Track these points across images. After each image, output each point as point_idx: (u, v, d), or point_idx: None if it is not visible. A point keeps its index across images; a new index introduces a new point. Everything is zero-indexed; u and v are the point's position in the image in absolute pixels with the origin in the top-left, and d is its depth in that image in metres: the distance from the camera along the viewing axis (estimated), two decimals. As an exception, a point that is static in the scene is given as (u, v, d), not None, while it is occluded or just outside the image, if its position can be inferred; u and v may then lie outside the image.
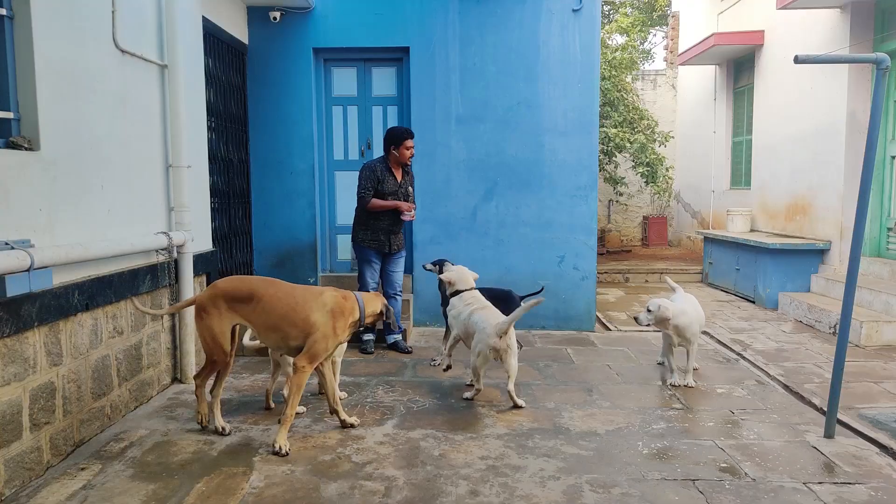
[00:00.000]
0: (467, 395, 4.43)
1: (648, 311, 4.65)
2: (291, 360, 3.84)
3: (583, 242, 6.61)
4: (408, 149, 5.43)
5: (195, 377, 4.00)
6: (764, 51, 9.16)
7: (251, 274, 6.65)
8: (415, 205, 5.63)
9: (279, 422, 3.68)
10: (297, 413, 3.96)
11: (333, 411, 3.94)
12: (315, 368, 3.68)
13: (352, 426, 3.90)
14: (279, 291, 3.70)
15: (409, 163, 5.55)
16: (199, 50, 5.14)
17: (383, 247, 5.54)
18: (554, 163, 6.55)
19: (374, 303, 3.91)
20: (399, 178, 5.53)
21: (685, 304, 4.84)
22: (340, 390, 4.37)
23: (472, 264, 6.48)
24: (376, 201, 5.41)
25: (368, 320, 3.89)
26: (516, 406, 4.22)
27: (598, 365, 5.31)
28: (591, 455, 3.52)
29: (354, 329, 3.85)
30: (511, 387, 4.22)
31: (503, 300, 5.02)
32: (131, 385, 4.17)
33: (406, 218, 5.48)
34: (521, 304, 4.94)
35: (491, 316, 4.34)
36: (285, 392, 3.92)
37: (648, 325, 4.72)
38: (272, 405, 4.25)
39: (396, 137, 5.43)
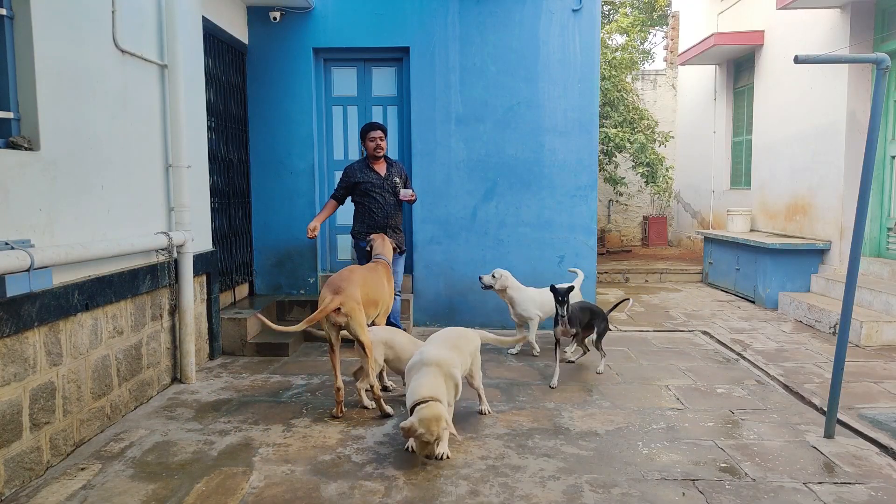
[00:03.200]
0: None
1: (493, 276, 5.47)
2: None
3: (583, 242, 6.61)
4: (371, 140, 5.49)
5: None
6: (764, 51, 9.16)
7: (251, 273, 6.65)
8: (413, 192, 5.63)
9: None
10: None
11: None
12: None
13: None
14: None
15: (378, 154, 5.53)
16: (199, 50, 5.14)
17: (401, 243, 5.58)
18: (554, 163, 6.55)
19: (387, 246, 5.05)
20: (383, 172, 5.56)
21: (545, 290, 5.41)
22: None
23: (472, 264, 6.54)
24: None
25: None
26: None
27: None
28: (591, 455, 3.52)
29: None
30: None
31: (594, 313, 5.13)
32: (131, 385, 4.17)
33: (404, 198, 5.54)
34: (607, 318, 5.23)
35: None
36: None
37: (490, 287, 5.49)
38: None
39: (362, 131, 5.59)
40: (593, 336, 5.15)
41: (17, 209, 3.11)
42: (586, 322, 5.06)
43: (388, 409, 4.13)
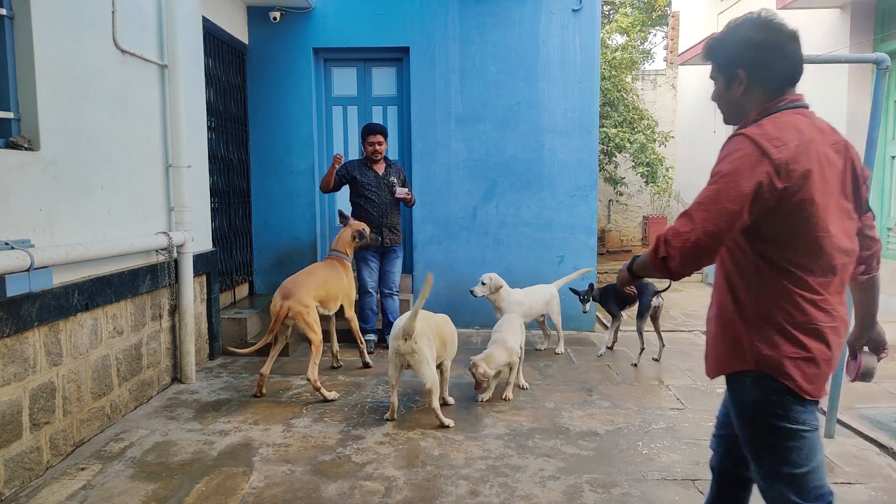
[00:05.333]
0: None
1: (483, 283, 5.30)
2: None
3: (583, 242, 6.61)
4: (370, 144, 5.56)
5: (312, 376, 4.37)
6: (764, 51, 9.14)
7: (251, 273, 6.65)
8: (408, 191, 5.69)
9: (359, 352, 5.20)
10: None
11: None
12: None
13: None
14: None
15: (376, 158, 5.61)
16: (199, 50, 5.14)
17: (376, 240, 5.59)
18: (554, 163, 6.55)
19: (343, 235, 5.14)
20: (381, 172, 5.62)
21: (533, 290, 5.54)
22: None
23: (472, 264, 6.54)
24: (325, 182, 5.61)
25: (350, 250, 5.13)
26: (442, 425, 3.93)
27: (598, 365, 5.31)
28: (591, 455, 3.52)
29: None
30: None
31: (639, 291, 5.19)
32: (131, 385, 4.17)
33: (399, 196, 5.58)
34: (656, 297, 5.25)
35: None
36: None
37: (485, 295, 5.31)
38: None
39: (362, 134, 5.68)
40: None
41: (17, 209, 3.10)
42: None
43: (332, 394, 4.42)
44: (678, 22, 13.04)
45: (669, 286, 5.30)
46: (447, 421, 3.92)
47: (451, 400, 4.31)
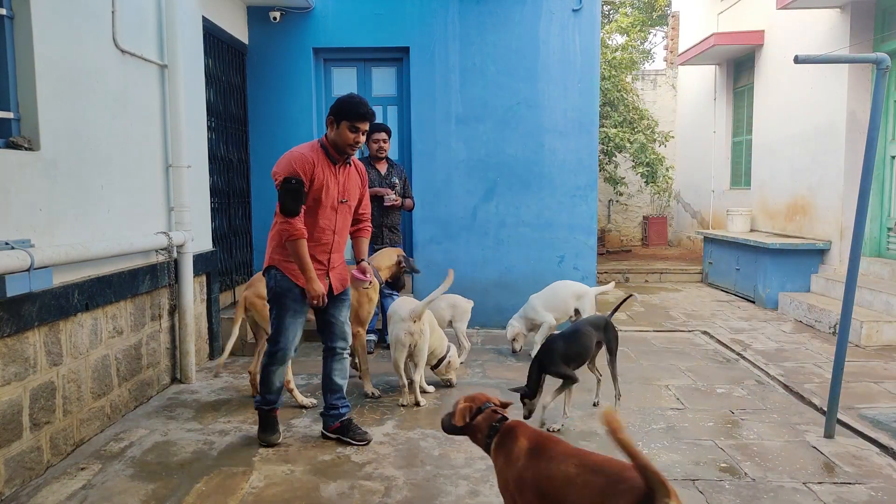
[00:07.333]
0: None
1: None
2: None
3: (583, 242, 6.61)
4: (375, 141, 5.58)
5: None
6: (764, 51, 9.16)
7: (251, 273, 6.64)
8: (404, 196, 5.71)
9: (360, 377, 4.62)
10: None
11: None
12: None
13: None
14: None
15: (381, 155, 5.62)
16: (199, 50, 5.14)
17: (376, 240, 5.58)
18: (554, 163, 6.55)
19: (385, 257, 4.73)
20: (383, 171, 5.64)
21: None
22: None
23: (472, 264, 6.54)
24: None
25: (386, 274, 4.68)
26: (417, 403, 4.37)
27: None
28: (591, 455, 3.51)
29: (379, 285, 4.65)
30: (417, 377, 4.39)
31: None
32: (131, 385, 4.17)
33: (387, 203, 5.52)
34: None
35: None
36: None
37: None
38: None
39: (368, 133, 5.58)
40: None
41: (17, 209, 3.11)
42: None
43: (308, 401, 4.33)
44: (678, 22, 13.04)
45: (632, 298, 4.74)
46: (422, 400, 4.36)
47: (430, 388, 4.61)
